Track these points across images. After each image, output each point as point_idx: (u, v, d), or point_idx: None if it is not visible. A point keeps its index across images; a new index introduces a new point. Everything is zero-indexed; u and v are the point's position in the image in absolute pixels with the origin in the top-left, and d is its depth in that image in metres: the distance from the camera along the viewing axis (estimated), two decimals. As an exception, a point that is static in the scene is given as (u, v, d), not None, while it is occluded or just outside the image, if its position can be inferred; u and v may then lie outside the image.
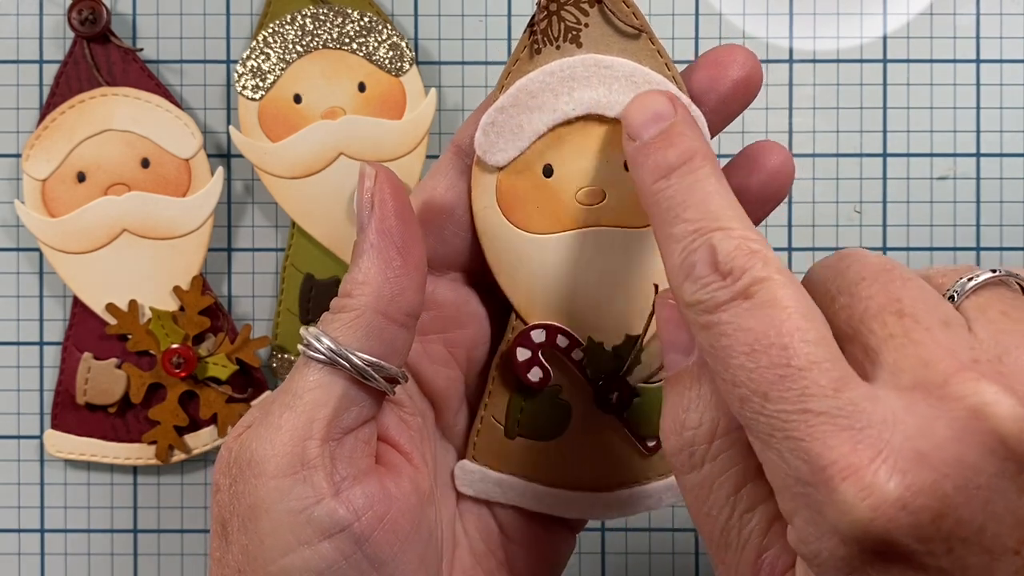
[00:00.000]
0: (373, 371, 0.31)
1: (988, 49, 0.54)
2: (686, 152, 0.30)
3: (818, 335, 0.26)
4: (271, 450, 0.30)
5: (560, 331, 0.35)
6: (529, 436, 0.36)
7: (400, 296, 0.31)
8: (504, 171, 0.34)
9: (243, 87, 0.52)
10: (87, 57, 0.52)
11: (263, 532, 0.30)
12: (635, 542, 0.55)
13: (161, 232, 0.52)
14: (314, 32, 0.52)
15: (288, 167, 0.52)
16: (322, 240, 0.52)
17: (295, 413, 0.30)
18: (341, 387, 0.31)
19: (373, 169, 0.32)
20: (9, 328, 0.54)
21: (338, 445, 0.31)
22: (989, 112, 0.54)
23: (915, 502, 0.24)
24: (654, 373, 0.35)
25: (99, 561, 0.55)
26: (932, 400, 0.25)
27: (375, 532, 0.30)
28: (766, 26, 0.54)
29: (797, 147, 0.54)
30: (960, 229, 0.54)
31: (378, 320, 0.31)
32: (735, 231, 0.28)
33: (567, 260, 0.34)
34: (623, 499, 0.36)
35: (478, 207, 0.34)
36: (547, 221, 0.34)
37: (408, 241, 0.31)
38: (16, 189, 0.54)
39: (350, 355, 0.30)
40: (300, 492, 0.30)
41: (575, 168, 0.33)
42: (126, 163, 0.52)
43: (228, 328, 0.53)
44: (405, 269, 0.31)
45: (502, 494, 0.36)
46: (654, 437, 0.35)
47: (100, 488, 0.54)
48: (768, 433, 0.25)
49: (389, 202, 0.31)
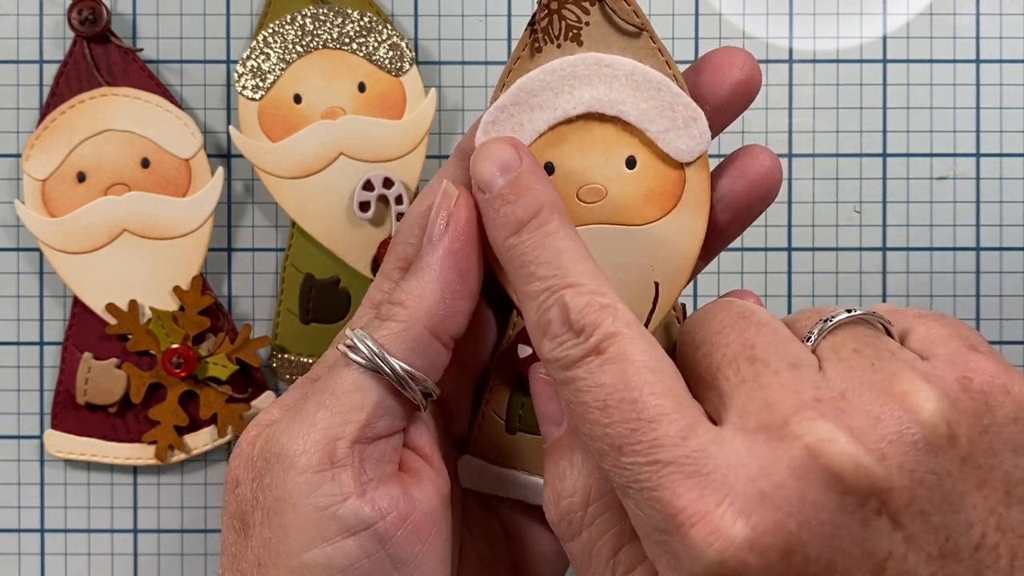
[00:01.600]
0: (412, 383, 0.31)
1: (988, 49, 0.54)
2: (533, 205, 0.30)
3: (665, 387, 0.27)
4: (303, 446, 0.30)
5: None
6: (530, 431, 0.36)
7: (450, 318, 0.32)
8: None
9: (243, 87, 0.52)
10: (87, 57, 0.52)
11: (288, 525, 0.30)
12: (635, 542, 0.55)
13: (161, 232, 0.52)
14: (314, 32, 0.52)
15: (288, 167, 0.52)
16: (322, 240, 0.52)
17: (331, 412, 0.31)
18: (379, 394, 0.31)
19: (456, 191, 0.32)
20: (9, 328, 0.54)
21: (367, 447, 0.31)
22: (989, 112, 0.54)
23: (762, 542, 0.24)
24: None
25: (99, 561, 0.55)
26: (773, 441, 0.25)
27: (398, 532, 0.31)
28: (766, 26, 0.54)
29: (797, 147, 0.54)
30: (960, 229, 0.54)
31: (425, 335, 0.31)
32: (585, 287, 0.29)
33: None
34: None
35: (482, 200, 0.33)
36: None
37: (470, 268, 0.32)
38: (16, 189, 0.54)
39: (395, 364, 0.31)
40: (328, 489, 0.30)
41: (576, 166, 0.33)
42: (126, 163, 0.52)
43: (228, 328, 0.53)
44: (462, 293, 0.32)
45: (503, 488, 0.36)
46: None
47: (100, 488, 0.54)
48: (625, 484, 0.26)
49: (463, 227, 0.32)
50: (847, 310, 0.29)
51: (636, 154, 0.33)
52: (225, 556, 0.32)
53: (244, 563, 0.31)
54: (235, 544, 0.31)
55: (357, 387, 0.31)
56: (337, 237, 0.52)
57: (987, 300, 0.54)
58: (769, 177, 0.34)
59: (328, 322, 0.53)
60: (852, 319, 0.28)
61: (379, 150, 0.52)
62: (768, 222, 0.54)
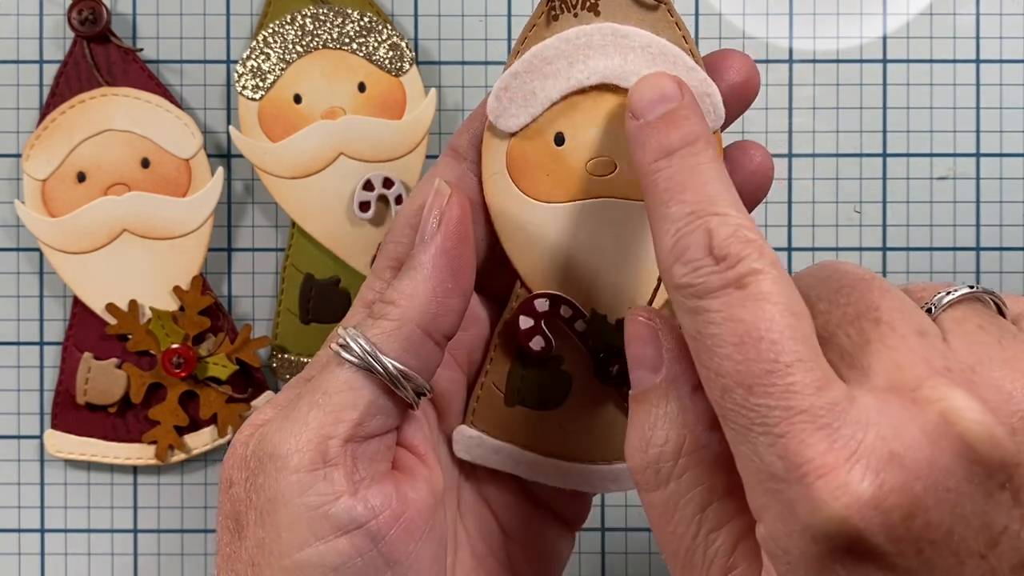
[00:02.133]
0: (405, 381, 0.31)
1: (988, 49, 0.54)
2: (689, 135, 0.30)
3: (803, 334, 0.26)
4: (295, 445, 0.30)
5: (564, 301, 0.34)
6: (528, 405, 0.35)
7: (443, 316, 0.31)
8: (516, 137, 0.33)
9: (243, 87, 0.52)
10: (87, 57, 0.52)
11: (281, 525, 0.30)
12: (635, 542, 0.55)
13: (161, 232, 0.52)
14: (314, 32, 0.52)
15: (288, 167, 0.52)
16: (322, 240, 0.52)
17: (323, 411, 0.31)
18: (372, 392, 0.31)
19: (449, 189, 0.32)
20: (9, 328, 0.54)
21: (360, 446, 0.31)
22: (989, 112, 0.54)
23: (887, 502, 0.24)
24: None
25: (99, 561, 0.55)
26: (905, 403, 0.25)
27: (391, 531, 0.31)
28: (766, 26, 0.54)
29: (797, 147, 0.54)
30: (960, 229, 0.54)
31: (418, 334, 0.31)
32: (732, 217, 0.28)
33: (574, 230, 0.34)
34: (619, 473, 0.36)
35: (488, 173, 0.34)
36: (556, 189, 0.34)
37: (463, 266, 0.32)
38: (16, 189, 0.54)
39: (388, 363, 0.31)
40: (320, 488, 0.30)
41: (587, 137, 0.33)
42: (126, 163, 0.52)
43: (228, 328, 0.53)
44: (455, 292, 0.32)
45: (499, 461, 0.36)
46: None
47: (100, 488, 0.54)
48: (746, 426, 0.25)
49: (455, 225, 0.32)
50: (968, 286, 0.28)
51: None
52: (220, 556, 0.32)
53: (238, 563, 0.31)
54: (229, 544, 0.31)
55: (349, 386, 0.31)
56: (337, 237, 0.52)
57: (987, 300, 0.54)
58: (760, 173, 0.34)
59: (328, 322, 0.53)
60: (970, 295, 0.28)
61: (379, 150, 0.52)
62: (768, 222, 0.54)
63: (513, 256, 0.34)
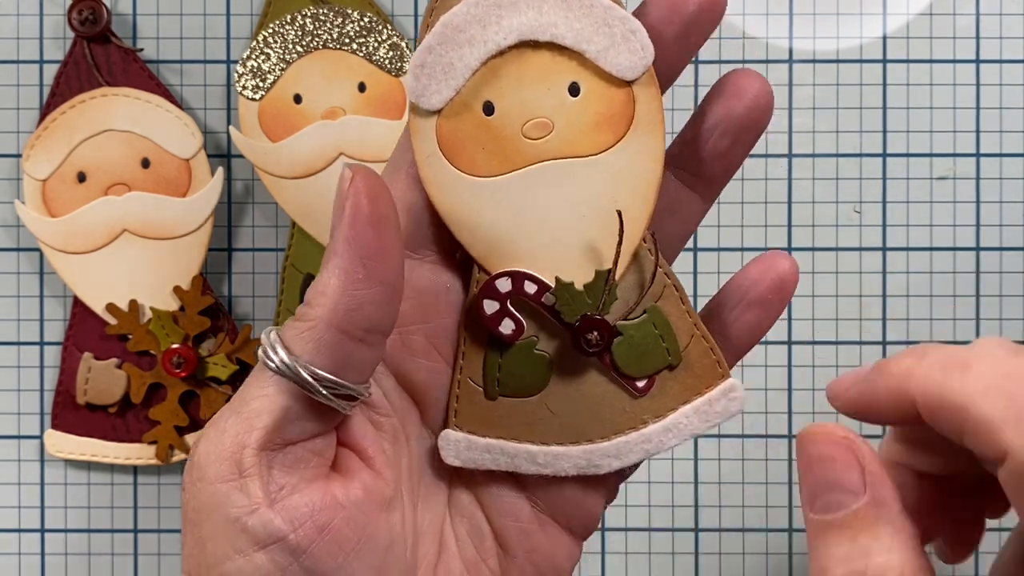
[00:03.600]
0: (322, 387, 0.29)
1: (988, 49, 0.54)
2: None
3: None
4: (213, 455, 0.29)
5: (526, 277, 0.33)
6: (511, 394, 0.34)
7: (359, 311, 0.29)
8: (442, 115, 0.32)
9: (243, 87, 0.52)
10: (87, 57, 0.52)
11: (204, 537, 0.29)
12: (635, 542, 0.55)
13: (161, 232, 0.52)
14: (314, 32, 0.52)
15: (288, 167, 0.52)
16: (322, 240, 0.52)
17: (239, 419, 0.29)
18: (286, 399, 0.29)
19: (351, 172, 0.29)
20: (9, 328, 0.54)
21: (279, 454, 0.29)
22: (989, 112, 0.54)
23: None
24: (632, 309, 0.33)
25: (99, 561, 0.55)
26: None
27: (313, 544, 0.29)
28: (766, 26, 0.54)
29: (797, 147, 0.54)
30: (960, 229, 0.54)
31: (332, 334, 0.29)
32: None
33: (522, 200, 0.32)
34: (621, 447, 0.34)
35: (420, 156, 0.32)
36: (495, 162, 0.32)
37: (377, 251, 0.29)
38: (16, 189, 0.54)
39: (299, 368, 0.29)
40: (236, 500, 0.29)
41: (516, 101, 0.32)
42: (126, 163, 0.52)
43: (228, 328, 0.53)
44: (367, 282, 0.29)
45: (492, 460, 0.34)
46: (643, 377, 0.33)
47: (100, 488, 0.54)
48: None
49: (363, 208, 0.29)
50: None
51: (578, 79, 0.31)
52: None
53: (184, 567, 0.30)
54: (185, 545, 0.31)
55: (265, 392, 0.29)
56: (337, 237, 0.52)
57: (987, 300, 0.54)
58: (764, 95, 0.32)
59: (328, 322, 0.53)
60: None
61: (379, 150, 0.52)
62: (768, 222, 0.54)
63: (463, 239, 0.32)
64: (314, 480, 0.30)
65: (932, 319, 0.54)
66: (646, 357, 0.33)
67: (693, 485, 0.55)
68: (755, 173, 0.54)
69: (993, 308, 0.54)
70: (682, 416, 0.34)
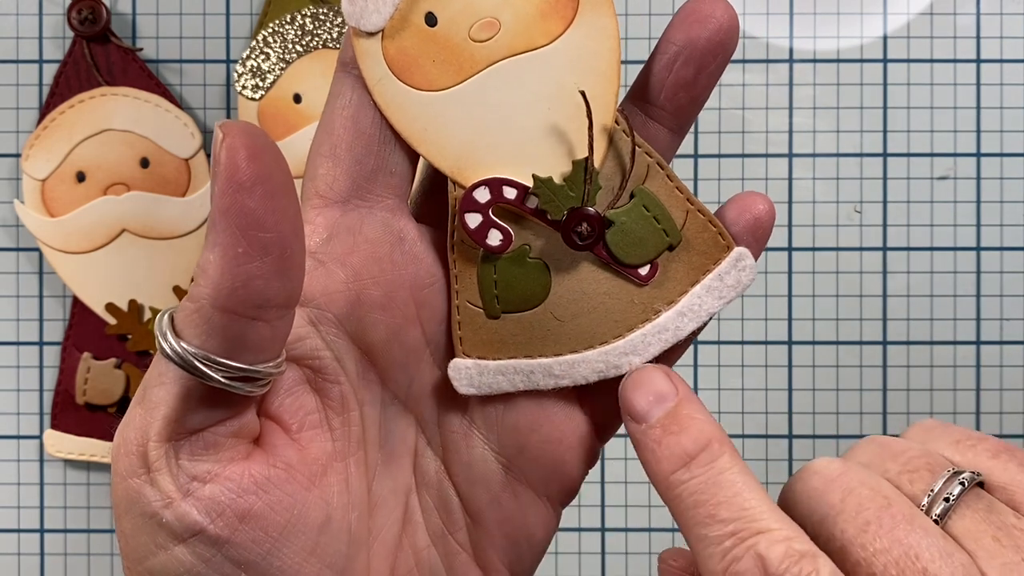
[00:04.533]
0: (216, 373, 0.26)
1: (988, 49, 0.54)
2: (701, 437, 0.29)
3: None
4: (122, 448, 0.27)
5: (503, 182, 0.32)
6: (514, 309, 0.32)
7: (244, 288, 0.26)
8: (385, 35, 0.31)
9: (243, 87, 0.52)
10: (87, 57, 0.52)
11: (126, 533, 0.28)
12: (635, 542, 0.55)
13: (161, 232, 0.52)
14: (314, 32, 0.52)
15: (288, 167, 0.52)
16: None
17: (142, 409, 0.27)
18: (182, 386, 0.27)
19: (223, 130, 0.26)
20: (9, 328, 0.54)
21: (186, 443, 0.27)
22: (989, 112, 0.54)
23: None
24: (619, 195, 0.32)
25: (99, 561, 0.54)
26: None
27: (235, 533, 0.28)
28: (766, 26, 0.54)
29: (797, 147, 0.54)
30: (960, 229, 0.54)
31: (218, 316, 0.26)
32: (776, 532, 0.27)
33: (483, 106, 0.31)
34: (637, 342, 0.33)
35: (372, 81, 0.31)
36: (449, 73, 0.31)
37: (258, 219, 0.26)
38: (16, 189, 0.54)
39: (189, 355, 0.26)
40: (148, 494, 0.27)
41: (458, 6, 0.31)
42: (125, 163, 0.52)
43: (228, 328, 0.53)
44: (249, 256, 0.26)
45: (508, 382, 0.32)
46: (644, 263, 0.32)
47: (100, 488, 0.54)
48: None
49: (239, 171, 0.26)
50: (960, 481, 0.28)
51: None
52: None
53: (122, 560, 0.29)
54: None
55: (160, 379, 0.27)
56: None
57: (987, 300, 0.54)
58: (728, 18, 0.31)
59: (328, 322, 0.53)
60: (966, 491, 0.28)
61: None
62: (768, 222, 0.54)
63: (432, 158, 0.31)
64: (231, 463, 0.28)
65: (932, 319, 0.54)
66: (643, 242, 0.32)
67: (693, 485, 0.54)
68: (756, 173, 0.54)
69: (994, 308, 0.54)
70: (695, 297, 0.33)
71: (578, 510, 0.54)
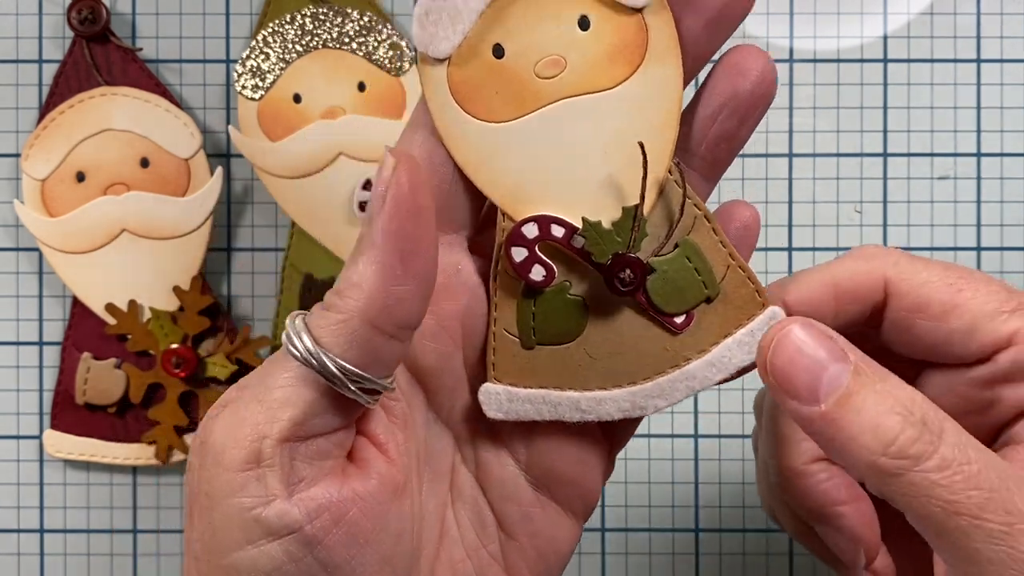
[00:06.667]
0: (349, 381, 0.28)
1: (989, 49, 0.54)
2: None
3: None
4: (231, 441, 0.28)
5: (553, 220, 0.32)
6: (548, 342, 0.33)
7: (395, 307, 0.28)
8: (452, 63, 0.31)
9: (243, 87, 0.52)
10: (87, 57, 0.52)
11: (216, 524, 0.28)
12: (635, 542, 0.55)
13: (161, 232, 0.52)
14: (314, 32, 0.52)
15: (288, 167, 0.52)
16: (322, 240, 0.52)
17: (262, 407, 0.28)
18: (314, 391, 0.28)
19: (394, 158, 0.29)
20: (9, 328, 0.54)
21: (301, 446, 0.29)
22: (989, 112, 0.54)
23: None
24: (664, 243, 0.32)
25: (99, 561, 0.54)
26: None
27: (328, 536, 0.29)
28: (766, 26, 0.54)
29: (797, 147, 0.54)
30: (960, 229, 0.54)
31: (365, 329, 0.28)
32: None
33: (541, 142, 0.32)
34: (664, 387, 0.33)
35: (434, 107, 0.31)
36: (511, 106, 0.32)
37: (416, 245, 0.28)
38: (16, 189, 0.54)
39: (327, 361, 0.28)
40: (253, 489, 0.28)
41: (527, 41, 0.31)
42: (125, 163, 0.52)
43: (228, 328, 0.53)
44: (405, 277, 0.28)
45: (535, 410, 0.33)
46: (681, 312, 0.33)
47: (100, 488, 0.54)
48: None
49: (405, 199, 0.28)
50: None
51: (587, 11, 0.31)
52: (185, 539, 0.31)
53: (191, 548, 0.30)
54: (188, 529, 0.30)
55: (290, 382, 0.28)
56: (337, 237, 0.52)
57: (988, 300, 0.54)
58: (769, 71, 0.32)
59: (328, 322, 0.53)
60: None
61: (379, 150, 0.52)
62: (768, 222, 0.54)
63: (486, 188, 0.32)
64: (332, 471, 0.29)
65: (933, 319, 0.54)
66: (682, 292, 0.33)
67: (693, 485, 0.54)
68: (756, 173, 0.54)
69: (994, 308, 0.54)
70: (725, 350, 0.33)
71: (578, 510, 0.54)
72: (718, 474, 0.54)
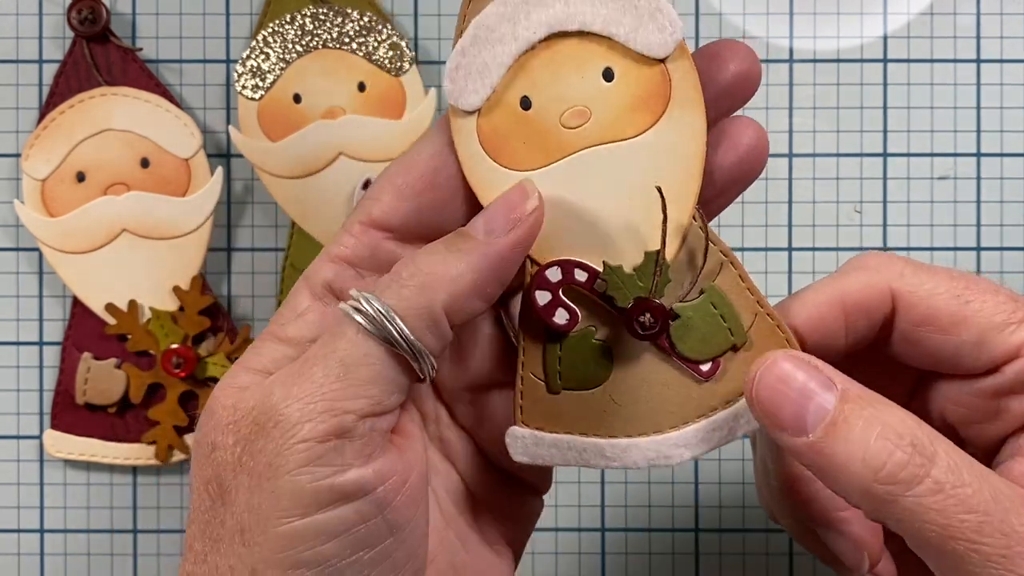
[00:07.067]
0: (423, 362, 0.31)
1: (988, 49, 0.54)
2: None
3: None
4: (307, 414, 0.30)
5: (576, 265, 0.33)
6: (574, 387, 0.34)
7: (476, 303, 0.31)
8: (481, 114, 0.33)
9: (243, 87, 0.52)
10: (87, 57, 0.52)
11: (281, 491, 0.29)
12: (635, 542, 0.55)
13: (161, 232, 0.52)
14: (314, 32, 0.52)
15: (288, 167, 0.52)
16: (322, 240, 0.52)
17: (343, 384, 0.30)
18: (393, 369, 0.30)
19: (536, 195, 0.32)
20: (9, 328, 0.54)
21: (377, 420, 0.31)
22: (989, 112, 0.54)
23: None
24: (688, 291, 0.33)
25: (99, 561, 0.54)
26: None
27: (397, 497, 0.30)
28: (766, 26, 0.54)
29: (797, 147, 0.54)
30: (960, 229, 0.54)
31: (442, 318, 0.31)
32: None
33: (566, 190, 0.33)
34: (690, 437, 0.33)
35: (464, 156, 0.33)
36: (537, 155, 0.33)
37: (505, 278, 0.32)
38: (16, 189, 0.54)
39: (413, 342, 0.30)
40: (330, 459, 0.29)
41: (552, 93, 0.32)
42: (125, 163, 0.52)
43: (228, 328, 0.53)
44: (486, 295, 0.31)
45: (560, 456, 0.34)
46: (707, 360, 0.33)
47: (100, 488, 0.54)
48: None
49: (526, 236, 0.31)
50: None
51: (611, 64, 0.32)
52: (195, 526, 0.31)
53: (220, 529, 0.30)
54: (209, 511, 0.31)
55: (369, 360, 0.30)
56: (337, 237, 0.52)
57: (988, 300, 0.54)
58: (757, 148, 0.33)
59: (328, 322, 0.53)
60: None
61: (379, 150, 0.52)
62: (768, 222, 0.54)
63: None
64: (391, 443, 0.31)
65: (933, 319, 0.54)
66: (708, 339, 0.33)
67: (693, 485, 0.54)
68: (755, 173, 0.54)
69: (994, 308, 0.54)
70: None
71: (578, 510, 0.54)
72: (718, 474, 0.54)
